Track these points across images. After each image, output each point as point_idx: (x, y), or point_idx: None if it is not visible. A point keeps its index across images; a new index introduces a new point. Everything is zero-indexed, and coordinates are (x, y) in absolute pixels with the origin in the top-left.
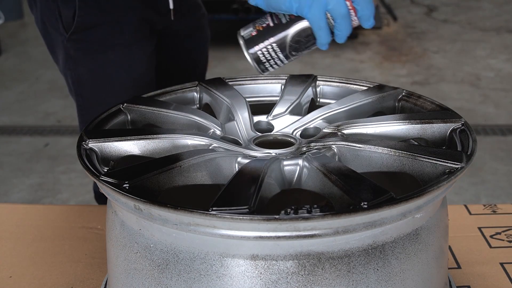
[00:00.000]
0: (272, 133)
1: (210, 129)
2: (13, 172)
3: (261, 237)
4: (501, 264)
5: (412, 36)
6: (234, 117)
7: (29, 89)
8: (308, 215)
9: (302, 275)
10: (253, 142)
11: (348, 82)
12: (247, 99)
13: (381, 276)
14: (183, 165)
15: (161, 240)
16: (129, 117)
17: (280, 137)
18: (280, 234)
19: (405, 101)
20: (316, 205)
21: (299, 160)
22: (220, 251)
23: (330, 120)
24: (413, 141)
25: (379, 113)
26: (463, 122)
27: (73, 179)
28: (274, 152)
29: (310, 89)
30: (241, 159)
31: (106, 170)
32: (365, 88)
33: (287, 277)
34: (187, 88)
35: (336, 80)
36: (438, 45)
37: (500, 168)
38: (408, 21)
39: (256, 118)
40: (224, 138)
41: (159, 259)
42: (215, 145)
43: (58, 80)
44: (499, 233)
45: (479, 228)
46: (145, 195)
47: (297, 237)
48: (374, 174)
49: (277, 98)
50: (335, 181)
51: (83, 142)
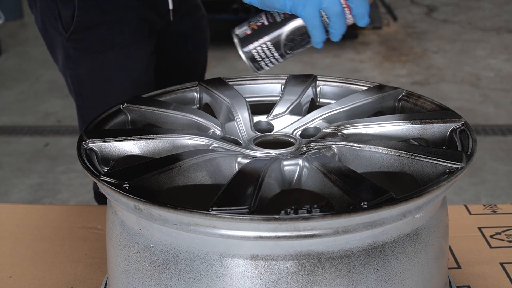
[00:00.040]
0: (272, 133)
1: (210, 129)
2: (13, 172)
3: (261, 237)
4: (501, 264)
5: (412, 36)
6: (234, 117)
7: (29, 89)
8: (308, 215)
9: (302, 275)
10: (253, 142)
11: (348, 82)
12: (247, 99)
13: (381, 276)
14: (183, 165)
15: (161, 240)
16: (129, 117)
17: (280, 137)
18: (280, 234)
19: (405, 101)
20: (316, 205)
21: (299, 160)
22: (220, 251)
23: (330, 120)
24: (413, 141)
25: (379, 113)
26: (463, 122)
27: (73, 179)
28: (274, 152)
29: (310, 89)
30: (241, 159)
31: (106, 170)
32: (365, 88)
33: (287, 277)
34: (187, 88)
35: (336, 80)
36: (438, 45)
37: (500, 168)
38: (408, 21)
39: (256, 118)
40: (224, 138)
41: (159, 259)
42: (215, 145)
43: (58, 80)
44: (499, 233)
45: (479, 228)
46: (145, 195)
47: (297, 237)
48: (374, 174)
49: (277, 98)
50: (335, 181)
51: (83, 142)
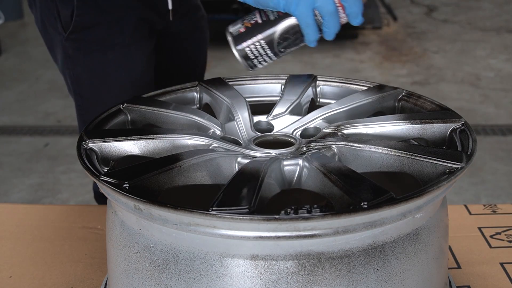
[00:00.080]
0: (272, 133)
1: (210, 129)
2: (13, 172)
3: (261, 237)
4: (501, 264)
5: (412, 36)
6: (234, 117)
7: (29, 89)
8: (308, 215)
9: (302, 275)
10: (253, 142)
11: (348, 82)
12: (247, 99)
13: (381, 276)
14: (183, 165)
15: (161, 240)
16: (129, 117)
17: (280, 137)
18: (280, 234)
19: (405, 101)
20: (316, 205)
21: (299, 160)
22: (220, 251)
23: (330, 120)
24: (413, 141)
25: (379, 113)
26: (463, 122)
27: (73, 179)
28: (274, 152)
29: (310, 89)
30: (241, 159)
31: (106, 170)
32: (365, 88)
33: (287, 277)
34: (187, 88)
35: (336, 80)
36: (438, 45)
37: (500, 168)
38: (408, 21)
39: (256, 118)
40: (224, 138)
41: (159, 259)
42: (215, 145)
43: (58, 80)
44: (499, 233)
45: (479, 228)
46: (145, 195)
47: (297, 237)
48: (374, 174)
49: (277, 98)
50: (335, 181)
51: (83, 142)
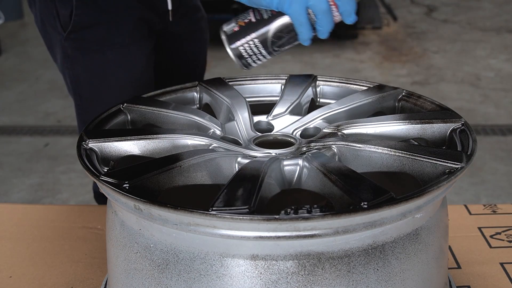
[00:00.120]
0: (272, 133)
1: (210, 129)
2: (13, 172)
3: (261, 237)
4: (501, 264)
5: (412, 36)
6: (234, 117)
7: (29, 89)
8: (308, 215)
9: (302, 275)
10: (253, 142)
11: (348, 82)
12: (247, 99)
13: (381, 276)
14: (183, 165)
15: (161, 240)
16: (129, 117)
17: (280, 137)
18: (280, 234)
19: (405, 101)
20: (316, 205)
21: (299, 160)
22: (220, 251)
23: (330, 120)
24: (413, 141)
25: (379, 113)
26: (463, 122)
27: (73, 179)
28: (274, 152)
29: (310, 89)
30: (241, 159)
31: (106, 170)
32: (365, 88)
33: (287, 277)
34: (187, 88)
35: (336, 80)
36: (438, 45)
37: (500, 168)
38: (408, 21)
39: (256, 118)
40: (224, 138)
41: (159, 259)
42: (215, 145)
43: (58, 80)
44: (499, 233)
45: (479, 228)
46: (145, 195)
47: (297, 237)
48: (374, 174)
49: (277, 98)
50: (335, 181)
51: (83, 142)
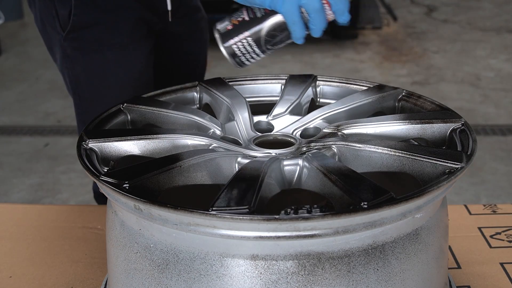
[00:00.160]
0: (272, 133)
1: (210, 129)
2: (13, 172)
3: (261, 237)
4: (501, 264)
5: (412, 36)
6: (234, 117)
7: (29, 89)
8: (308, 215)
9: (302, 275)
10: (253, 142)
11: (348, 82)
12: (247, 99)
13: (381, 276)
14: (183, 165)
15: (161, 240)
16: (129, 117)
17: (280, 137)
18: (280, 234)
19: (405, 101)
20: (316, 205)
21: (299, 160)
22: (220, 251)
23: (330, 120)
24: (413, 141)
25: (379, 113)
26: (463, 122)
27: (73, 179)
28: (274, 152)
29: (310, 89)
30: (241, 159)
31: (106, 170)
32: (365, 88)
33: (287, 277)
34: (187, 88)
35: (336, 80)
36: (438, 45)
37: (500, 168)
38: (408, 21)
39: (256, 118)
40: (224, 138)
41: (159, 259)
42: (215, 145)
43: (58, 80)
44: (499, 233)
45: (479, 228)
46: (145, 195)
47: (297, 237)
48: (374, 174)
49: (277, 98)
50: (335, 181)
51: (83, 142)
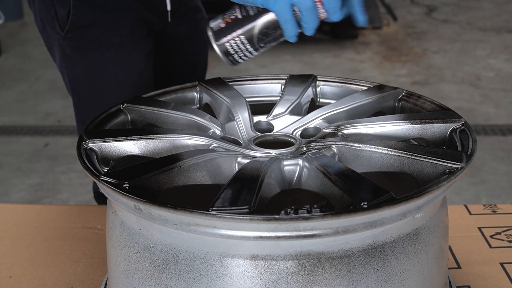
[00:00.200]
0: (272, 133)
1: (210, 129)
2: (13, 172)
3: (261, 237)
4: (501, 264)
5: (412, 36)
6: (234, 117)
7: (29, 89)
8: (308, 215)
9: (302, 275)
10: (253, 142)
11: (348, 82)
12: (247, 99)
13: (381, 276)
14: (183, 165)
15: (161, 240)
16: (129, 117)
17: (280, 137)
18: (280, 234)
19: (405, 101)
20: (316, 205)
21: (299, 160)
22: (220, 251)
23: (330, 120)
24: (413, 141)
25: (379, 113)
26: (463, 122)
27: (73, 179)
28: (274, 152)
29: (310, 89)
30: (241, 159)
31: (106, 170)
32: (365, 88)
33: (287, 277)
34: (187, 88)
35: (336, 80)
36: (438, 45)
37: (500, 168)
38: (408, 21)
39: (256, 118)
40: (224, 138)
41: (159, 259)
42: (215, 145)
43: (58, 80)
44: (499, 233)
45: (479, 228)
46: (145, 195)
47: (297, 237)
48: (374, 174)
49: (277, 98)
50: (335, 181)
51: (83, 142)
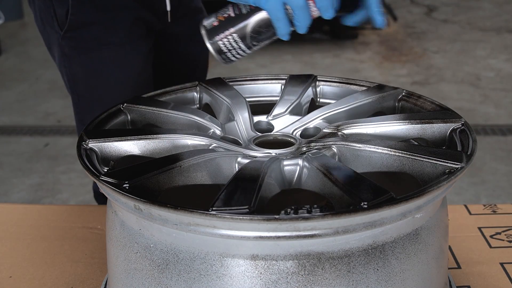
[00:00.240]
0: (272, 133)
1: (210, 129)
2: (13, 172)
3: (261, 237)
4: (501, 264)
5: (412, 36)
6: (234, 117)
7: (29, 89)
8: (308, 215)
9: (302, 275)
10: (253, 142)
11: (348, 82)
12: (247, 99)
13: (381, 276)
14: (183, 165)
15: (161, 240)
16: (129, 117)
17: (280, 137)
18: (280, 234)
19: (405, 101)
20: (316, 205)
21: (299, 160)
22: (220, 251)
23: (330, 120)
24: (413, 141)
25: (379, 113)
26: (463, 122)
27: (73, 179)
28: (274, 152)
29: (310, 89)
30: (241, 159)
31: (106, 170)
32: (365, 88)
33: (287, 277)
34: (187, 88)
35: (336, 80)
36: (438, 45)
37: (500, 168)
38: (408, 21)
39: (256, 118)
40: (224, 138)
41: (159, 259)
42: (215, 145)
43: (58, 80)
44: (499, 233)
45: (479, 228)
46: (145, 195)
47: (297, 237)
48: (374, 174)
49: (277, 98)
50: (335, 181)
51: (83, 142)
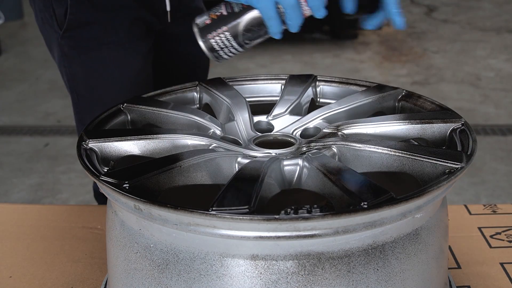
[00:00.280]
0: (272, 133)
1: (210, 129)
2: (13, 172)
3: (261, 237)
4: (501, 264)
5: (412, 36)
6: (234, 117)
7: (29, 89)
8: (308, 215)
9: (302, 275)
10: (253, 142)
11: (348, 82)
12: (247, 99)
13: (381, 276)
14: (183, 165)
15: (161, 240)
16: (129, 117)
17: (280, 137)
18: (280, 234)
19: (405, 101)
20: (316, 205)
21: (299, 160)
22: (220, 251)
23: (330, 120)
24: (413, 141)
25: (379, 113)
26: (463, 122)
27: (73, 179)
28: (274, 152)
29: (310, 89)
30: (241, 159)
31: (106, 170)
32: (365, 88)
33: (287, 277)
34: (187, 88)
35: (336, 80)
36: (438, 45)
37: (500, 168)
38: (408, 21)
39: (256, 118)
40: (224, 138)
41: (159, 259)
42: (215, 145)
43: (58, 80)
44: (499, 233)
45: (479, 228)
46: (145, 195)
47: (297, 237)
48: (374, 174)
49: (277, 98)
50: (335, 181)
51: (83, 142)
